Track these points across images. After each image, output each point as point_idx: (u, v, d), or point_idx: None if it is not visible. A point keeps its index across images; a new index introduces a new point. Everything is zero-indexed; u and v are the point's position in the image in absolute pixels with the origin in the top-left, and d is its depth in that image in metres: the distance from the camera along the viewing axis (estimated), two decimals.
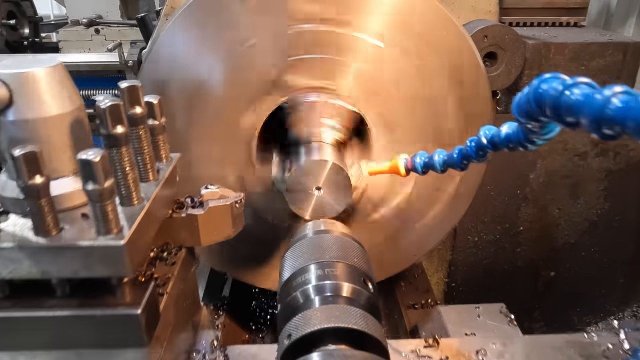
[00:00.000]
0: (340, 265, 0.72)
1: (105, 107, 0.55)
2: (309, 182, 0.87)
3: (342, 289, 0.68)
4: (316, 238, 0.82)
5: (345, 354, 0.60)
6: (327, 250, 0.76)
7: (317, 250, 0.77)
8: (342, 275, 0.71)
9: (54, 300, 0.57)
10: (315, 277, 0.71)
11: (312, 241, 0.81)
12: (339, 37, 0.95)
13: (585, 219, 1.59)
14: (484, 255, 1.63)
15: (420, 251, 1.17)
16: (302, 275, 0.72)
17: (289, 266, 0.77)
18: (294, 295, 0.70)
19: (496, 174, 1.49)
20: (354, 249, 0.79)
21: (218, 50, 0.95)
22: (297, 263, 0.76)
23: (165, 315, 0.66)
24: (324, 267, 0.72)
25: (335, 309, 0.64)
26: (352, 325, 0.61)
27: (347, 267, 0.73)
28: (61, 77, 0.59)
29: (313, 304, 0.67)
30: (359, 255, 0.78)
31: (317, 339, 0.62)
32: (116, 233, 0.54)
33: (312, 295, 0.69)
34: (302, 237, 0.84)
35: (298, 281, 0.72)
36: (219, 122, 0.99)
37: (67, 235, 0.55)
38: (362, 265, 0.75)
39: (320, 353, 0.60)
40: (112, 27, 4.80)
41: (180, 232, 0.77)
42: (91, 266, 0.54)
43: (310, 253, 0.77)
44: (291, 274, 0.74)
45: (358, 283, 0.70)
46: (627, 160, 1.50)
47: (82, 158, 0.51)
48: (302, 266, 0.74)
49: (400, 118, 1.01)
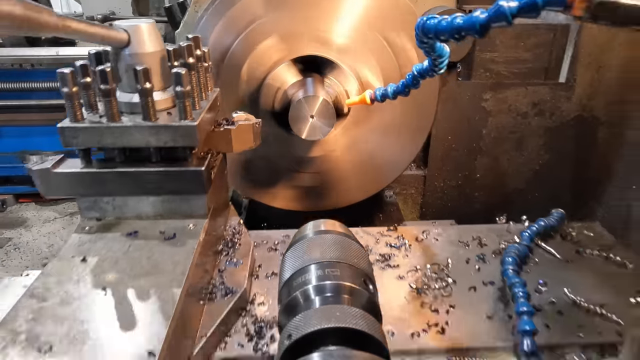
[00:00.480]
0: (340, 265, 0.73)
1: (184, 45, 0.93)
2: (306, 110, 1.26)
3: (342, 289, 0.69)
4: (316, 238, 0.82)
5: (345, 354, 0.60)
6: (327, 251, 0.77)
7: (317, 250, 0.77)
8: (342, 275, 0.71)
9: (152, 163, 0.95)
10: (315, 277, 0.71)
11: (312, 241, 0.81)
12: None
13: (530, 168, 1.97)
14: (448, 198, 2.00)
15: (392, 174, 1.56)
16: (302, 275, 0.73)
17: (289, 266, 0.78)
18: (294, 295, 0.71)
19: (456, 130, 1.87)
20: (354, 249, 0.80)
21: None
22: (297, 263, 0.76)
23: (212, 185, 1.03)
24: (324, 267, 0.72)
25: (335, 309, 0.65)
26: (352, 325, 0.62)
27: (347, 267, 0.73)
28: (154, 30, 0.97)
29: (313, 304, 0.67)
30: (359, 255, 0.79)
31: (317, 339, 0.63)
32: (191, 119, 0.92)
33: (312, 295, 0.69)
34: (302, 237, 0.85)
35: (298, 281, 0.73)
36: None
37: (161, 120, 0.93)
38: (362, 265, 0.76)
39: (320, 353, 0.61)
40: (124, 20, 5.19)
41: (219, 142, 1.14)
42: (176, 139, 0.92)
43: (310, 253, 0.77)
44: (291, 274, 0.75)
45: (358, 283, 0.71)
46: (561, 119, 1.88)
47: (176, 71, 0.89)
48: (302, 266, 0.74)
49: (370, 72, 1.41)
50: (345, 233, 0.85)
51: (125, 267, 0.85)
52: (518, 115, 1.87)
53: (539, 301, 1.01)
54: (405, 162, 1.58)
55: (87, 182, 0.95)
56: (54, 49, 4.49)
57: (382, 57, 1.41)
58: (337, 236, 0.82)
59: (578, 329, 0.95)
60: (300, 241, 0.83)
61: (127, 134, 0.92)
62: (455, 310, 1.00)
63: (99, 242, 0.92)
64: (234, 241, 1.13)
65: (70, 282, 0.81)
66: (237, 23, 1.38)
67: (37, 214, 4.95)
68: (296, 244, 0.83)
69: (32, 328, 0.71)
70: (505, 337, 0.94)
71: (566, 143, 1.92)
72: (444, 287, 1.06)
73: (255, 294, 1.05)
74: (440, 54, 0.87)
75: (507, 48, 1.79)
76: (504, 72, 1.82)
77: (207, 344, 0.87)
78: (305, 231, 0.87)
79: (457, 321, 0.97)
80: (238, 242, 1.13)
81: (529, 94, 1.83)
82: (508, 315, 0.98)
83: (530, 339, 0.87)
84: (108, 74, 0.88)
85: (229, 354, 0.90)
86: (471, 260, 1.16)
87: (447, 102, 1.83)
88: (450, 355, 0.91)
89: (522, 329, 0.89)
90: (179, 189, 0.97)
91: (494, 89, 1.82)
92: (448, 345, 0.92)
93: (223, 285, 0.98)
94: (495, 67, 1.81)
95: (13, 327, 0.71)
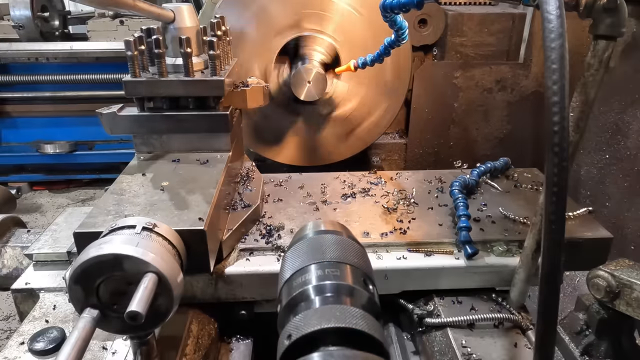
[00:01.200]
0: (340, 265, 0.73)
1: (214, 21, 1.27)
2: (303, 77, 1.60)
3: (343, 289, 0.69)
4: (316, 238, 0.83)
5: (345, 354, 0.60)
6: (327, 251, 0.77)
7: (317, 250, 0.78)
8: (342, 275, 0.71)
9: (189, 109, 1.29)
10: (315, 277, 0.71)
11: (312, 241, 0.82)
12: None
13: (495, 136, 2.30)
14: (427, 163, 2.34)
15: (374, 135, 1.91)
16: (302, 275, 0.73)
17: (289, 266, 0.77)
18: (294, 296, 0.71)
19: (432, 104, 2.21)
20: (354, 249, 0.80)
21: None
22: (296, 263, 0.76)
23: (233, 130, 1.37)
24: (324, 267, 0.73)
25: (335, 309, 0.65)
26: (352, 325, 0.62)
27: (347, 267, 0.73)
28: (192, 10, 1.30)
29: (313, 304, 0.68)
30: (359, 255, 0.80)
31: (317, 339, 0.63)
32: (219, 75, 1.26)
33: (312, 295, 0.69)
34: (302, 237, 0.85)
35: (298, 281, 0.73)
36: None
37: (197, 76, 1.26)
38: (362, 265, 0.76)
39: (320, 353, 0.61)
40: (134, 18, 5.54)
41: (237, 99, 1.46)
42: (208, 89, 1.26)
43: (310, 253, 0.78)
44: (291, 274, 0.75)
45: (358, 283, 0.71)
46: (520, 94, 2.22)
47: (209, 39, 1.22)
48: (302, 266, 0.74)
49: (356, 45, 1.75)
50: (345, 233, 0.86)
51: (174, 178, 1.18)
52: (484, 91, 2.20)
53: (479, 216, 1.35)
54: (383, 126, 1.93)
55: (142, 123, 1.29)
56: (68, 44, 4.82)
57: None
58: (337, 236, 0.83)
59: (504, 231, 1.29)
60: (301, 241, 0.83)
61: (172, 86, 1.25)
62: (415, 221, 1.34)
63: (152, 165, 1.26)
64: (249, 175, 1.47)
65: (137, 185, 1.15)
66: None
67: (51, 201, 5.27)
68: (296, 244, 0.83)
69: (117, 208, 1.05)
70: (451, 236, 1.27)
71: (525, 115, 2.25)
72: (408, 206, 1.40)
73: (266, 212, 1.38)
74: (401, 26, 1.21)
75: (474, 33, 2.13)
76: (472, 54, 2.16)
77: (232, 236, 1.20)
78: (305, 231, 0.87)
79: (416, 227, 1.31)
80: (252, 176, 1.47)
81: (493, 73, 2.17)
82: (454, 223, 1.32)
83: (466, 232, 1.21)
84: (160, 41, 1.21)
85: (248, 245, 1.23)
86: (432, 191, 1.50)
87: (424, 79, 2.17)
88: (409, 247, 1.24)
89: (459, 226, 1.23)
90: (209, 129, 1.30)
91: (463, 68, 2.16)
92: (408, 241, 1.25)
93: (242, 202, 1.32)
94: (464, 49, 2.15)
95: (105, 207, 1.05)
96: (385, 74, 1.85)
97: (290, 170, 1.69)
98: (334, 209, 1.39)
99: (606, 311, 1.04)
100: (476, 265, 1.20)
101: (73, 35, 5.73)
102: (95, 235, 0.90)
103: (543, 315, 0.75)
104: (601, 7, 0.82)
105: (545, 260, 0.72)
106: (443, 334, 1.13)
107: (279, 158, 1.92)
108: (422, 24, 2.07)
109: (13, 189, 4.96)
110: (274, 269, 1.16)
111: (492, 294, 1.21)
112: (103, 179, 5.15)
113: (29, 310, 1.14)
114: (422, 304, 1.21)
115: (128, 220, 0.91)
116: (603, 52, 0.87)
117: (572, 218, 1.31)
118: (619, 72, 1.58)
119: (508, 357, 1.06)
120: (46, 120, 5.12)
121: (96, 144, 5.14)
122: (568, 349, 1.10)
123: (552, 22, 0.66)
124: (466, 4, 2.26)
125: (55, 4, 5.41)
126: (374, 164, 2.24)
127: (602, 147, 1.73)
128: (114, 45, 4.75)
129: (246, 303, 1.19)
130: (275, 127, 1.90)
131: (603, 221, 1.33)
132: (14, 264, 1.32)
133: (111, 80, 4.73)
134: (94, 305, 0.81)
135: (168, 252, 0.88)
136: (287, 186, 1.54)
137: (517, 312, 1.15)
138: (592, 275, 1.04)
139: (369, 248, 1.24)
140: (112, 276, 0.81)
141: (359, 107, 1.89)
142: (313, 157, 1.92)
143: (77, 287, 0.80)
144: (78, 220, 1.27)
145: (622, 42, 0.86)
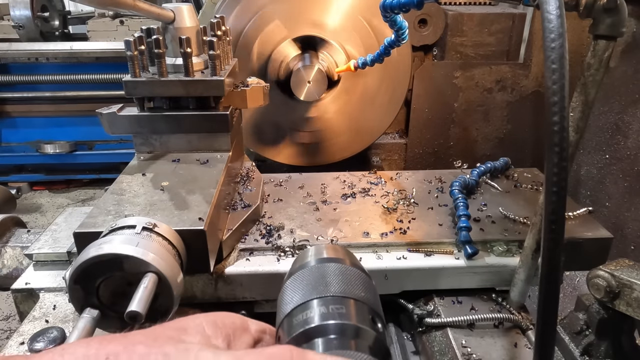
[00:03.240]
0: (346, 301, 0.68)
1: (214, 21, 1.27)
2: (304, 76, 1.60)
3: (348, 330, 0.64)
4: (319, 267, 0.76)
5: None
6: (330, 283, 0.72)
7: (319, 283, 0.72)
8: (347, 313, 0.66)
9: (189, 109, 1.29)
10: (318, 316, 0.66)
11: (314, 271, 0.75)
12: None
13: (495, 136, 2.31)
14: (427, 163, 2.34)
15: (373, 136, 1.91)
16: (304, 312, 0.67)
17: (289, 299, 0.72)
18: (294, 336, 0.65)
19: (432, 103, 2.21)
20: (360, 280, 0.75)
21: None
22: (297, 297, 0.71)
23: (233, 130, 1.37)
24: (328, 303, 0.68)
25: (340, 354, 0.60)
26: None
27: (353, 303, 0.69)
28: (192, 10, 1.30)
29: (316, 348, 0.63)
30: (366, 287, 0.74)
31: None
32: (219, 75, 1.26)
33: (315, 337, 0.64)
34: (303, 266, 0.78)
35: (299, 319, 0.67)
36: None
37: (197, 76, 1.26)
38: (369, 299, 0.71)
39: None
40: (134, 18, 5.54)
41: (236, 99, 1.46)
42: (208, 89, 1.26)
43: (312, 286, 0.72)
44: (292, 309, 0.69)
45: (365, 321, 0.66)
46: (520, 94, 2.22)
47: (209, 39, 1.22)
48: (304, 301, 0.69)
49: (356, 45, 1.75)
50: (349, 259, 0.79)
51: (174, 178, 1.18)
52: (484, 91, 2.20)
53: (479, 216, 1.35)
54: (383, 127, 1.93)
55: (142, 123, 1.28)
56: (68, 44, 4.82)
57: (364, 35, 1.75)
58: (341, 265, 0.76)
59: (504, 231, 1.28)
60: (301, 270, 0.76)
61: (172, 86, 1.25)
62: (415, 221, 1.34)
63: (152, 165, 1.26)
64: (249, 175, 1.47)
65: (137, 185, 1.15)
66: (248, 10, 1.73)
67: (51, 201, 5.27)
68: (297, 273, 0.76)
69: (117, 208, 1.05)
70: (451, 236, 1.27)
71: (525, 115, 2.26)
72: (408, 206, 1.40)
73: (266, 212, 1.38)
74: (400, 26, 1.20)
75: (474, 33, 2.13)
76: (472, 54, 2.16)
77: (232, 236, 1.20)
78: (306, 258, 0.79)
79: (416, 227, 1.31)
80: (252, 176, 1.47)
81: (493, 73, 2.17)
82: (454, 223, 1.32)
83: (466, 232, 1.21)
84: (160, 41, 1.21)
85: (248, 245, 1.23)
86: (432, 191, 1.50)
87: (425, 79, 2.17)
88: (409, 247, 1.24)
89: (459, 226, 1.23)
90: (210, 129, 1.30)
91: (463, 68, 2.16)
92: (408, 241, 1.25)
93: (242, 202, 1.32)
94: (464, 49, 2.15)
95: (105, 207, 1.05)
96: (384, 81, 1.86)
97: (290, 170, 1.69)
98: (334, 209, 1.39)
99: (606, 311, 1.04)
100: (476, 265, 1.20)
101: (73, 35, 5.74)
102: (95, 235, 0.90)
103: (543, 315, 0.75)
104: (601, 7, 0.82)
105: (545, 260, 0.72)
106: (443, 334, 1.13)
107: (279, 158, 1.92)
108: (422, 24, 2.07)
109: (13, 189, 4.96)
110: (274, 269, 1.16)
111: (492, 294, 1.21)
112: (103, 179, 5.16)
113: (29, 310, 1.14)
114: (422, 304, 1.21)
115: (128, 220, 0.91)
116: (603, 52, 0.87)
117: (572, 218, 1.31)
118: (619, 72, 1.58)
119: (508, 357, 1.06)
120: (46, 120, 5.12)
121: (96, 144, 5.15)
122: (568, 349, 1.10)
123: (552, 22, 0.66)
124: (466, 4, 2.26)
125: (55, 4, 5.42)
126: (374, 164, 2.24)
127: (602, 147, 1.73)
128: (114, 45, 4.76)
129: (246, 303, 1.19)
130: (275, 126, 1.90)
131: (603, 221, 1.33)
132: (14, 264, 1.32)
133: (111, 80, 4.73)
134: (94, 305, 0.81)
135: (168, 252, 0.88)
136: (287, 186, 1.54)
137: (517, 312, 1.15)
138: (592, 275, 1.04)
139: (369, 248, 1.24)
140: (112, 276, 0.80)
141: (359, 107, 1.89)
142: (313, 157, 1.92)
143: (77, 287, 0.80)
144: (78, 220, 1.28)
145: (622, 42, 0.86)
